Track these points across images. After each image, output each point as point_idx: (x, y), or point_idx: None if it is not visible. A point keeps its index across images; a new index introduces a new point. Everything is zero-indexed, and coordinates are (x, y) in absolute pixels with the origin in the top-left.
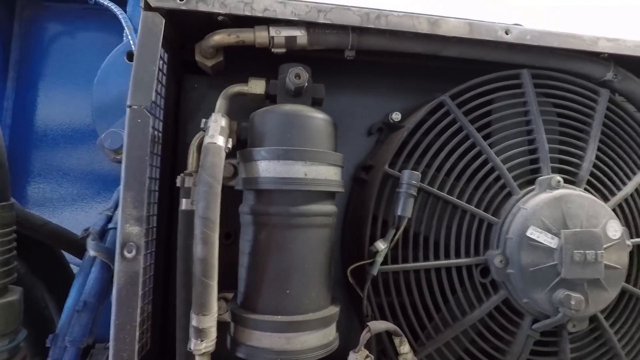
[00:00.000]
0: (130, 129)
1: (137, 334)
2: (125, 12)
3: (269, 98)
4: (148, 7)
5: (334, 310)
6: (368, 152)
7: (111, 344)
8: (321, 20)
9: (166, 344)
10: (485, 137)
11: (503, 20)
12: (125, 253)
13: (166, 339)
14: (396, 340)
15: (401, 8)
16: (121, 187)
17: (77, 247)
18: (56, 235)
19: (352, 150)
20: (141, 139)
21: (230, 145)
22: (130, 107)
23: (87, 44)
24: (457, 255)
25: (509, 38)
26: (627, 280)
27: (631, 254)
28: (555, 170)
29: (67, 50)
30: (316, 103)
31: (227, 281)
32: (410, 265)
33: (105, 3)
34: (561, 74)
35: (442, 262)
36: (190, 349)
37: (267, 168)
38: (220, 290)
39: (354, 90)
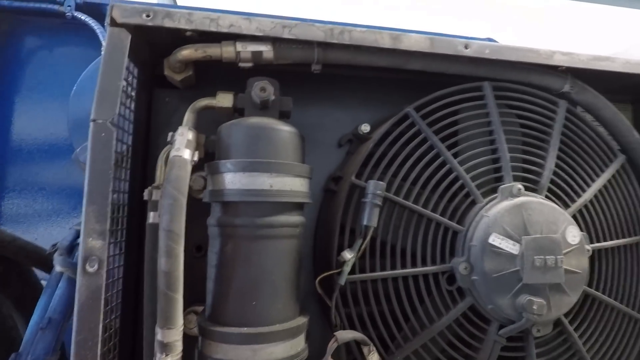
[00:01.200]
0: (93, 142)
1: (100, 351)
2: (103, 26)
3: (237, 111)
4: (114, 23)
5: (301, 320)
6: (339, 164)
7: None
8: (286, 36)
9: None
10: (450, 147)
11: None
12: (88, 267)
13: (136, 355)
14: (365, 350)
15: (401, 9)
16: (84, 200)
17: (47, 263)
18: (25, 251)
19: (323, 162)
20: (105, 153)
21: (196, 158)
22: (94, 121)
23: (64, 58)
24: (424, 264)
25: (468, 52)
26: (590, 284)
27: (592, 258)
28: (518, 179)
29: (44, 65)
30: (284, 116)
31: (199, 294)
32: (378, 274)
33: (83, 18)
34: (522, 86)
35: (409, 270)
36: None
37: (232, 180)
38: (191, 304)
39: (323, 103)
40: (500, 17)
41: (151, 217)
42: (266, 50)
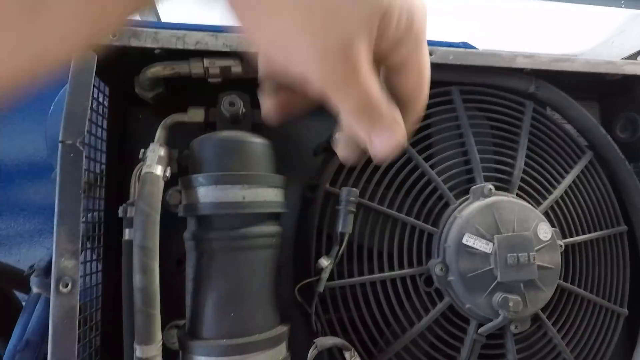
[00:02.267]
0: (62, 163)
1: None
2: None
3: (209, 126)
4: None
5: (282, 329)
6: (316, 172)
7: None
8: (253, 50)
9: None
10: (423, 151)
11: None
12: (61, 288)
13: None
14: (347, 355)
15: None
16: (55, 221)
17: (26, 285)
18: (4, 274)
19: (302, 171)
20: (74, 174)
21: (168, 174)
22: (62, 142)
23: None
24: (401, 267)
25: (432, 58)
26: (565, 279)
27: (565, 253)
28: (489, 179)
29: None
30: (257, 128)
31: (181, 308)
32: (356, 279)
33: None
34: (489, 88)
35: (387, 274)
36: None
37: (205, 194)
38: (173, 318)
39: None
40: (477, 19)
41: (127, 233)
42: (234, 64)
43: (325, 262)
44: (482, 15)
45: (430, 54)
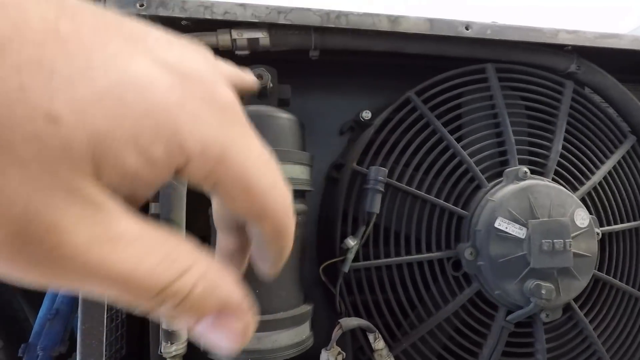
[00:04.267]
0: None
1: (105, 339)
2: None
3: None
4: None
5: (305, 308)
6: (341, 151)
7: (78, 349)
8: (282, 22)
9: (144, 350)
10: (453, 132)
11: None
12: None
13: (144, 346)
14: (370, 337)
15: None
16: None
17: None
18: None
19: (326, 150)
20: None
21: None
22: None
23: None
24: (429, 250)
25: (469, 33)
26: (600, 268)
27: (602, 242)
28: (524, 162)
29: None
30: (283, 104)
31: None
32: (382, 261)
33: None
34: (526, 67)
35: (414, 256)
36: (160, 352)
37: None
38: None
39: (324, 91)
40: (503, 4)
41: (152, 207)
42: (262, 37)
43: (351, 242)
44: (508, 5)
45: (467, 29)
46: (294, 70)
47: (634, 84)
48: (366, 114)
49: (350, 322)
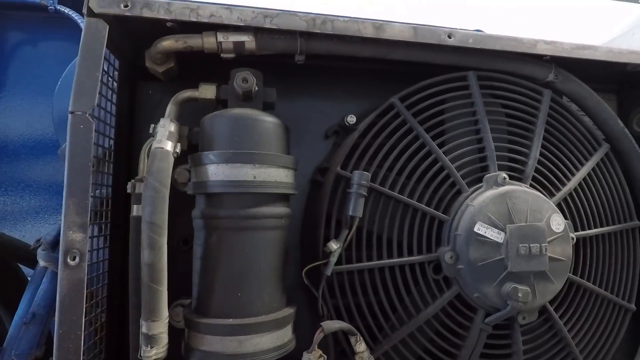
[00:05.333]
0: (72, 135)
1: (83, 343)
2: None
3: (220, 103)
4: (91, 13)
5: (288, 312)
6: (326, 155)
7: (55, 353)
8: (268, 26)
9: (123, 355)
10: (436, 137)
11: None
12: (69, 260)
13: (123, 349)
14: (352, 340)
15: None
16: (64, 193)
17: (32, 259)
18: (10, 247)
19: (310, 154)
20: (84, 145)
21: (178, 150)
22: (72, 113)
23: (48, 53)
24: (410, 253)
25: (452, 42)
26: (575, 272)
27: (577, 246)
28: (504, 168)
29: (28, 60)
30: (268, 107)
31: (186, 287)
32: (364, 264)
33: (66, 11)
34: (506, 75)
35: (395, 260)
36: (140, 356)
37: (215, 172)
38: (178, 297)
39: (309, 95)
40: (487, 13)
41: (135, 210)
42: (248, 40)
43: (334, 245)
44: (498, 6)
45: (449, 37)
46: (279, 74)
47: (608, 94)
48: (351, 119)
49: (332, 325)
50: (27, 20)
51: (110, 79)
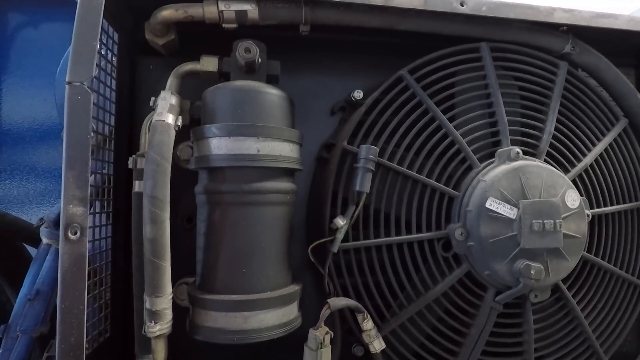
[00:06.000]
0: (70, 106)
1: (87, 319)
2: None
3: (223, 76)
4: None
5: (293, 288)
6: (332, 132)
7: (58, 328)
8: None
9: (128, 333)
10: (446, 111)
11: None
12: (70, 234)
13: (129, 327)
14: (359, 317)
15: None
16: (63, 166)
17: (36, 239)
18: (15, 227)
19: (316, 131)
20: (82, 117)
21: (180, 123)
22: (69, 83)
23: (50, 35)
24: (419, 230)
25: (464, 9)
26: (589, 250)
27: (592, 224)
28: (516, 143)
29: (30, 42)
30: (272, 80)
31: (190, 266)
32: (372, 241)
33: None
34: (520, 47)
35: (404, 237)
36: (144, 332)
37: (218, 145)
38: (182, 276)
39: (315, 70)
40: None
41: (137, 185)
42: (251, 9)
43: (340, 221)
44: None
45: (462, 5)
46: (284, 48)
47: (627, 68)
48: (358, 94)
49: (339, 302)
50: (28, 1)
51: (109, 51)
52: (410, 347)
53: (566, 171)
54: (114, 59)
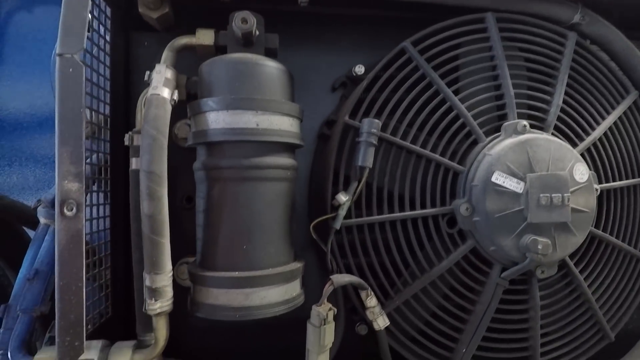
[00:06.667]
0: (61, 79)
1: (87, 297)
2: None
3: (219, 50)
4: None
5: (296, 265)
6: (333, 108)
7: (57, 305)
8: None
9: (130, 313)
10: (450, 84)
11: None
12: (65, 211)
13: (130, 306)
14: (362, 294)
15: None
16: (56, 142)
17: (35, 222)
18: (13, 210)
19: (317, 107)
20: (74, 90)
21: (176, 98)
22: (60, 55)
23: (45, 19)
24: (423, 207)
25: None
26: (597, 226)
27: (600, 199)
28: (523, 116)
29: (25, 27)
30: (270, 54)
31: (191, 245)
32: (375, 218)
33: None
34: (527, 17)
35: (407, 213)
36: (145, 309)
37: (216, 119)
38: (183, 256)
39: (315, 46)
40: None
41: (133, 163)
42: None
43: (343, 197)
44: None
45: None
46: (282, 23)
47: (638, 42)
48: (359, 69)
49: (342, 278)
50: None
51: (102, 27)
52: (414, 325)
53: (574, 145)
54: (107, 35)
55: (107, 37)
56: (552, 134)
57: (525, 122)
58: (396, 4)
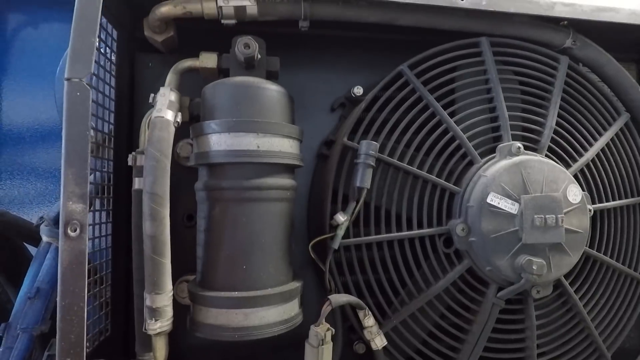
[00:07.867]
0: (69, 102)
1: (86, 315)
2: None
3: (222, 72)
4: None
5: (294, 285)
6: (332, 128)
7: (58, 325)
8: None
9: (129, 332)
10: (446, 107)
11: None
12: (69, 232)
13: (130, 325)
14: (360, 314)
15: None
16: (62, 163)
17: (37, 238)
18: (15, 226)
19: (317, 128)
20: (81, 113)
21: (179, 120)
22: (68, 79)
23: (50, 34)
24: (420, 226)
25: (463, 4)
26: (591, 245)
27: (594, 219)
28: (518, 138)
29: (30, 42)
30: (271, 76)
31: (191, 264)
32: (372, 237)
33: None
34: (521, 41)
35: (405, 233)
36: (145, 329)
37: (218, 141)
38: (183, 274)
39: (314, 67)
40: None
41: (136, 183)
42: (249, 4)
43: (341, 217)
44: None
45: None
46: (283, 45)
47: (628, 63)
48: (358, 90)
49: (340, 298)
50: (27, 1)
51: (108, 49)
52: (412, 344)
53: (568, 166)
54: (113, 56)
55: (113, 58)
56: (546, 155)
57: (519, 144)
58: (393, 27)
